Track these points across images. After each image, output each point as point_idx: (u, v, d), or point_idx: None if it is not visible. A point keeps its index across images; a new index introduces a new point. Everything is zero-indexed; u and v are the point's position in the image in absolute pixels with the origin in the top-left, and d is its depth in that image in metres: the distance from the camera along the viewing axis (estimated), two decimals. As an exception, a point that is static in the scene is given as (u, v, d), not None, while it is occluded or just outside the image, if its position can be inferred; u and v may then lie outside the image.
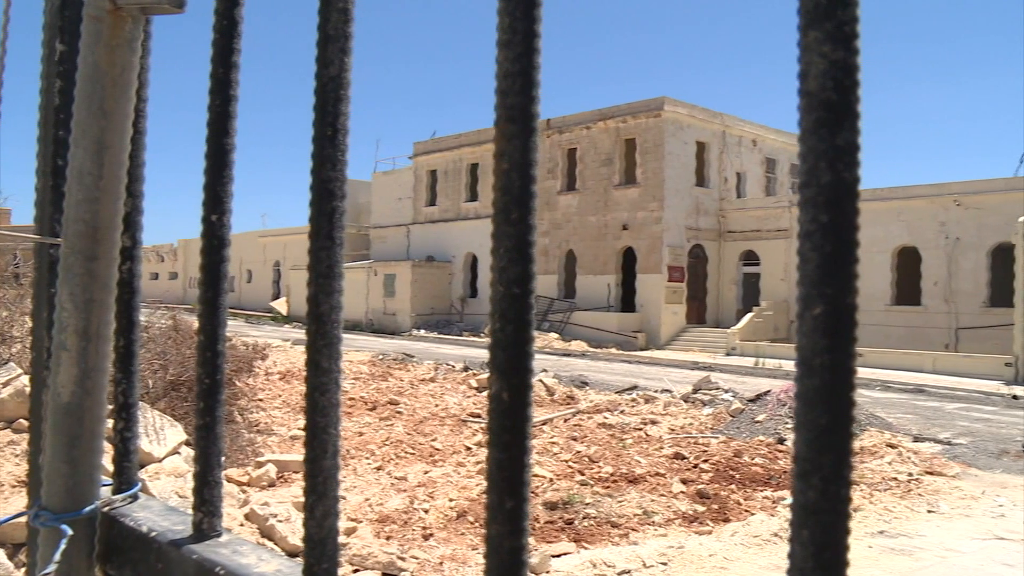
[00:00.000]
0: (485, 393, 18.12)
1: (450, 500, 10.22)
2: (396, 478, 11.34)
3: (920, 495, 10.93)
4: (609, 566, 8.04)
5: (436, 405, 17.72)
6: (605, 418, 16.03)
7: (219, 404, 1.06)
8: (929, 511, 10.30)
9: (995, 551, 8.72)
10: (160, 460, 9.27)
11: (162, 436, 9.58)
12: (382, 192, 55.20)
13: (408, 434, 14.35)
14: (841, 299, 0.47)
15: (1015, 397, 22.24)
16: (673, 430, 15.22)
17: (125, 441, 1.21)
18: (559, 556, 8.39)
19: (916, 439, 14.93)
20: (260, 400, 16.95)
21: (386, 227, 54.21)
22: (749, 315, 35.76)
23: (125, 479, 1.21)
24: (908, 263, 33.92)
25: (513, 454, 0.62)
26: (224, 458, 7.61)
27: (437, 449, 13.34)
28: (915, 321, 32.85)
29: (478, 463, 12.05)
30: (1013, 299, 26.81)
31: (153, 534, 1.06)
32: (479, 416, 15.94)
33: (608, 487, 11.08)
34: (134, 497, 1.19)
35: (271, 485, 10.37)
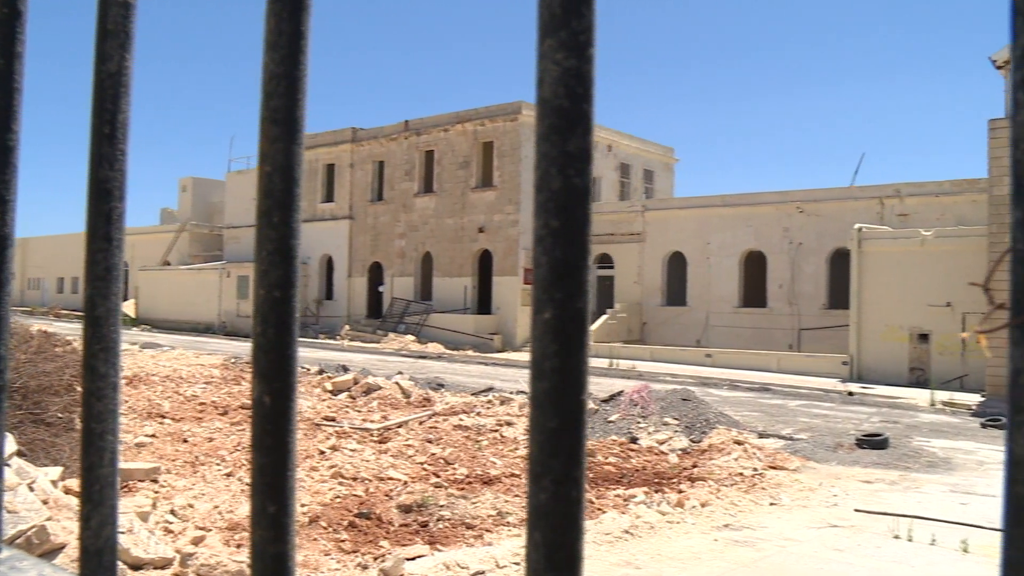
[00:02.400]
0: (340, 396, 17.66)
1: (303, 506, 10.03)
2: (247, 484, 11.05)
3: (763, 489, 11.41)
4: (463, 567, 8.06)
5: (290, 409, 17.35)
6: (461, 420, 16.05)
7: (1, 414, 1.00)
8: (771, 504, 10.77)
9: (829, 538, 9.22)
10: (-11, 472, 8.77)
11: (-9, 447, 9.06)
12: (236, 192, 53.81)
13: (260, 439, 14.03)
14: (571, 304, 0.48)
15: (850, 394, 23.53)
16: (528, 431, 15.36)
17: (-95, 453, 1.14)
18: (413, 559, 8.35)
19: (761, 435, 15.56)
20: (104, 407, 16.21)
21: (240, 227, 52.85)
22: (603, 317, 36.37)
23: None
24: (755, 267, 35.26)
25: (275, 459, 0.61)
26: (62, 468, 7.18)
27: (290, 454, 13.06)
28: (761, 322, 34.16)
29: (331, 467, 11.89)
30: (849, 301, 28.25)
31: (-75, 552, 0.99)
32: (334, 419, 15.71)
33: (463, 489, 11.10)
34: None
35: (113, 495, 9.94)
